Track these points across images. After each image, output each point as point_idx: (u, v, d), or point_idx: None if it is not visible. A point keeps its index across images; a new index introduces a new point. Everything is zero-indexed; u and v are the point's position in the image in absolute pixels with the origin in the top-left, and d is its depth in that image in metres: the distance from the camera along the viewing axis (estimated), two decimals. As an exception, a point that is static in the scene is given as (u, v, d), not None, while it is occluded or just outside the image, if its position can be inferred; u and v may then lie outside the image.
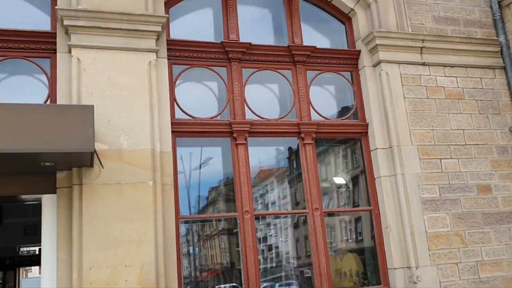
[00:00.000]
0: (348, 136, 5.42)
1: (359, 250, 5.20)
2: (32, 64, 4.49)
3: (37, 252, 15.54)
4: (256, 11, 5.79)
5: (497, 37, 5.61)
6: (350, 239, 5.37)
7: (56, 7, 4.35)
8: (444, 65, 5.31)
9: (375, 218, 4.87)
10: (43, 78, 4.51)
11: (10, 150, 3.44)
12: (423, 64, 5.23)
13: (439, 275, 4.53)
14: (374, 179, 4.99)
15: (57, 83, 4.34)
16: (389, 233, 4.65)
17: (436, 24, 5.49)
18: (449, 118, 5.13)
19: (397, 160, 4.81)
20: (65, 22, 4.23)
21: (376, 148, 4.98)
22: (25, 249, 15.26)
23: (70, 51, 4.29)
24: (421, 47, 5.24)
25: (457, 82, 5.32)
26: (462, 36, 5.46)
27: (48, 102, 4.44)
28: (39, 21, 4.77)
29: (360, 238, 5.27)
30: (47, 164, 3.82)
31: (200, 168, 5.13)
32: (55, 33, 4.47)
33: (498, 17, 5.59)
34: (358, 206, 5.37)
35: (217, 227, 5.32)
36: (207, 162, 5.18)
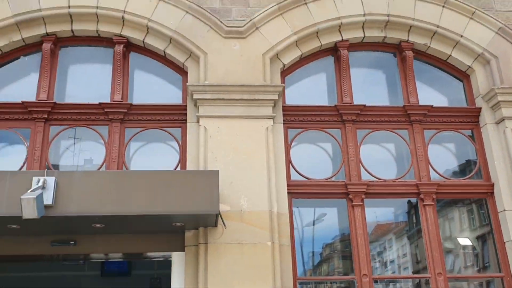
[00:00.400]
0: (472, 197, 5.28)
1: None
2: (166, 133, 5.10)
3: None
4: (369, 73, 5.96)
5: None
6: None
7: (187, 84, 5.00)
8: None
9: (507, 285, 4.63)
10: (175, 145, 5.06)
11: (148, 213, 3.90)
12: None
13: None
14: (504, 243, 4.75)
15: (187, 149, 4.82)
16: None
17: None
18: None
19: None
20: (195, 96, 4.81)
21: (505, 210, 4.77)
22: None
23: (198, 121, 4.80)
24: None
25: None
26: None
27: (179, 166, 4.93)
28: (172, 95, 5.42)
29: None
30: (178, 224, 4.24)
31: (313, 224, 5.20)
32: (186, 106, 5.08)
33: None
34: (486, 269, 5.16)
35: (332, 286, 5.29)
36: (321, 218, 5.25)
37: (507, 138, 4.99)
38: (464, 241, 5.33)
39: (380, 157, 5.40)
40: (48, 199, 3.74)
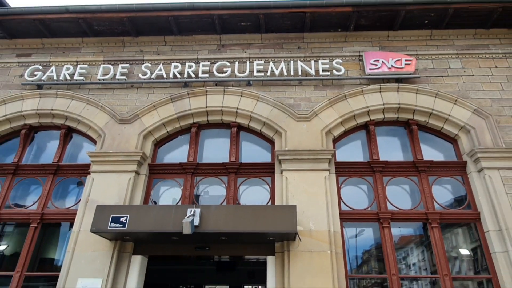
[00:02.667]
0: (465, 222, 5.22)
1: None
2: (262, 180, 5.63)
3: None
4: (389, 140, 6.03)
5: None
6: None
7: (275, 150, 5.58)
8: None
9: (495, 284, 4.65)
10: (267, 187, 5.56)
11: (253, 231, 4.31)
12: None
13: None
14: (490, 253, 4.83)
15: (275, 191, 5.31)
16: None
17: None
18: None
19: (508, 240, 4.64)
20: (279, 157, 5.34)
21: (489, 231, 4.87)
22: (247, 287, 16.34)
23: (281, 173, 5.29)
24: None
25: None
26: None
27: (270, 201, 5.36)
28: (265, 157, 5.92)
29: None
30: (271, 238, 4.65)
31: (356, 237, 5.25)
32: (273, 163, 5.59)
33: None
34: (479, 272, 4.98)
35: (371, 282, 5.15)
36: (361, 233, 5.30)
37: (486, 181, 5.13)
38: (463, 251, 5.18)
39: (399, 194, 5.46)
40: (196, 222, 4.26)
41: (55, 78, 6.36)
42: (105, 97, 6.26)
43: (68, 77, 6.35)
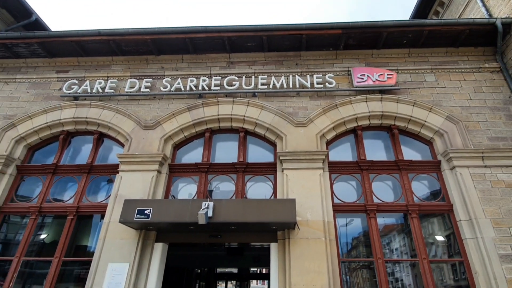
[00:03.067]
0: (440, 212, 5.18)
1: (460, 287, 4.70)
2: (266, 178, 5.56)
3: (258, 272, 16.58)
4: (374, 142, 5.98)
5: (538, 148, 5.13)
6: (456, 278, 4.79)
7: (277, 151, 5.57)
8: (501, 166, 5.08)
9: (466, 266, 4.64)
10: (270, 184, 5.49)
11: (259, 221, 4.29)
12: (485, 166, 5.09)
13: (520, 308, 4.03)
14: (462, 240, 4.82)
15: (277, 186, 5.27)
16: (478, 277, 4.46)
17: (490, 141, 5.39)
18: (511, 200, 4.76)
19: (477, 228, 4.64)
20: (280, 158, 5.31)
21: (460, 220, 4.87)
22: (253, 270, 16.18)
23: (282, 171, 5.26)
24: (482, 156, 5.15)
25: (512, 176, 4.84)
26: (511, 148, 5.24)
27: (273, 196, 5.30)
28: (268, 157, 5.83)
29: (461, 277, 4.74)
30: (274, 227, 4.61)
31: (346, 226, 5.16)
32: (275, 163, 5.56)
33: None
34: (453, 256, 4.96)
35: (359, 264, 5.08)
36: (350, 223, 5.22)
37: (457, 178, 5.10)
38: (439, 238, 5.13)
39: (383, 189, 5.42)
40: (210, 214, 4.26)
41: (89, 91, 6.36)
42: (132, 107, 6.26)
43: (100, 90, 6.37)
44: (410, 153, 5.79)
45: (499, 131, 5.54)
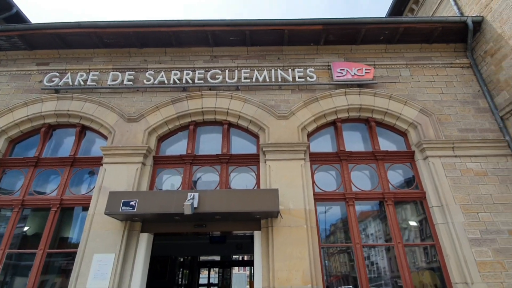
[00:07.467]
0: (414, 199, 5.25)
1: (432, 269, 4.78)
2: (249, 168, 5.52)
3: (240, 259, 16.58)
4: (352, 134, 6.00)
5: (503, 137, 5.48)
6: (427, 261, 4.87)
7: (260, 143, 5.51)
8: (470, 156, 5.22)
9: (438, 250, 4.73)
10: (253, 174, 5.45)
11: (242, 210, 4.25)
12: (455, 156, 5.22)
13: (489, 289, 4.13)
14: (434, 224, 4.91)
15: (260, 177, 5.24)
16: (449, 260, 4.56)
17: (460, 133, 5.51)
18: (479, 187, 4.91)
19: (447, 213, 4.75)
20: (263, 149, 5.31)
21: (432, 206, 4.97)
22: (235, 257, 16.10)
23: (265, 162, 5.24)
24: (453, 147, 5.28)
25: (481, 165, 5.13)
26: (478, 138, 5.41)
27: (256, 186, 5.26)
28: (251, 149, 5.78)
29: (432, 260, 4.83)
30: (257, 216, 4.60)
31: (325, 213, 5.15)
32: (258, 154, 5.53)
33: (502, 126, 5.55)
34: (425, 240, 5.02)
35: (337, 249, 5.09)
36: (329, 210, 5.21)
37: (430, 167, 5.20)
38: (412, 223, 5.21)
39: (361, 178, 5.46)
40: (195, 204, 4.21)
41: (70, 83, 6.20)
42: (115, 100, 6.10)
43: (82, 83, 6.20)
44: (386, 144, 5.85)
45: (468, 123, 5.65)
